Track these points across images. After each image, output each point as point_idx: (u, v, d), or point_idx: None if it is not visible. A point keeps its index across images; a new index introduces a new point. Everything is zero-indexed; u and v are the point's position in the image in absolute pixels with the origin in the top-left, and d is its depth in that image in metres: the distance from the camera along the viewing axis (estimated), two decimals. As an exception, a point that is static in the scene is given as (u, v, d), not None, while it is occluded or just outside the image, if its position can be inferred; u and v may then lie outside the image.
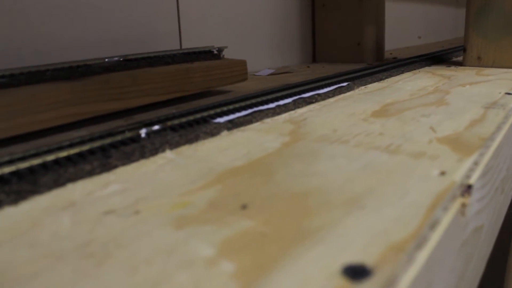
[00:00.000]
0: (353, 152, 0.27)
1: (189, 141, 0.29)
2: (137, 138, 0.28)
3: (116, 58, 0.40)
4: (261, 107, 0.37)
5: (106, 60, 0.40)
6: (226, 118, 0.34)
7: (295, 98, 0.41)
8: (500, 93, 0.45)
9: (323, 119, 0.35)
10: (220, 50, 0.50)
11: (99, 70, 0.39)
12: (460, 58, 0.75)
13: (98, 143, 0.26)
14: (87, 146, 0.26)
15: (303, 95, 0.42)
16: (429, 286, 0.17)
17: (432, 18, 1.57)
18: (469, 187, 0.23)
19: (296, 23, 0.84)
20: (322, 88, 0.46)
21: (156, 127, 0.30)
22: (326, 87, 0.47)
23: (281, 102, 0.39)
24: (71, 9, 0.47)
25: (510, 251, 0.67)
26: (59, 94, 0.33)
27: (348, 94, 0.46)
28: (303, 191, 0.21)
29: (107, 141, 0.27)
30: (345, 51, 0.85)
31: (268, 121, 0.35)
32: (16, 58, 0.43)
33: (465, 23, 0.68)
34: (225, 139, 0.30)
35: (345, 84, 0.49)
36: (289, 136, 0.30)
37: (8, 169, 0.23)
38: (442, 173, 0.23)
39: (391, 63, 0.67)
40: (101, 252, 0.16)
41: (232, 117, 0.35)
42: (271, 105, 0.38)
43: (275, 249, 0.15)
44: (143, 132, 0.29)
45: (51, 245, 0.17)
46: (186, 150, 0.28)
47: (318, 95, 0.43)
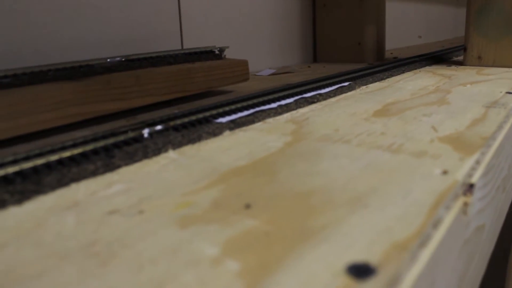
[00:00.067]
0: (356, 151, 0.27)
1: (192, 141, 0.29)
2: (140, 138, 0.28)
3: (118, 58, 0.40)
4: (263, 107, 0.38)
5: (108, 60, 0.40)
6: (228, 118, 0.34)
7: (296, 98, 0.41)
8: (501, 92, 0.45)
9: (325, 118, 0.35)
10: (221, 50, 0.50)
11: (101, 70, 0.39)
12: (460, 58, 0.75)
13: (101, 143, 0.27)
14: (90, 146, 0.26)
15: (305, 95, 0.42)
16: (432, 285, 0.17)
17: (433, 18, 1.58)
18: (471, 186, 0.23)
19: (297, 23, 0.84)
20: (323, 88, 0.46)
21: (159, 127, 0.30)
22: (327, 87, 0.47)
23: (283, 102, 0.40)
24: (72, 9, 0.47)
25: (510, 251, 0.67)
26: (62, 94, 0.33)
27: (349, 93, 0.46)
28: (306, 191, 0.21)
29: (110, 141, 0.27)
30: (346, 51, 0.85)
31: (270, 121, 0.35)
32: (19, 59, 0.43)
33: (465, 23, 0.68)
34: (227, 139, 0.30)
35: (346, 83, 0.49)
36: (292, 136, 0.30)
37: (12, 169, 0.23)
38: (444, 172, 0.23)
39: (392, 63, 0.67)
40: (106, 252, 0.16)
41: (234, 117, 0.35)
42: (273, 105, 0.38)
43: (280, 248, 0.15)
44: (145, 132, 0.29)
45: (56, 245, 0.17)
46: (188, 150, 0.28)
47: (320, 95, 0.43)
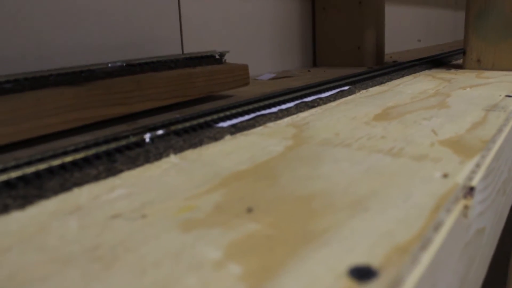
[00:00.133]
0: (356, 155, 0.27)
1: (193, 145, 0.29)
2: (141, 143, 0.29)
3: (119, 63, 0.41)
4: (263, 112, 0.38)
5: (109, 65, 0.40)
6: (229, 122, 0.34)
7: (297, 102, 0.41)
8: (500, 95, 0.45)
9: (325, 123, 0.35)
10: (222, 54, 0.51)
11: (102, 75, 0.39)
12: (460, 61, 0.75)
13: (103, 148, 0.27)
14: (92, 151, 0.26)
15: (305, 99, 0.43)
16: (433, 287, 0.17)
17: (432, 21, 1.58)
18: (472, 189, 0.23)
19: (296, 27, 0.84)
20: (323, 92, 0.47)
21: (160, 132, 0.30)
22: (327, 91, 0.47)
23: (283, 106, 0.40)
24: (74, 15, 0.48)
25: (511, 254, 0.67)
26: (63, 99, 0.33)
27: (349, 97, 0.46)
28: (307, 194, 0.21)
29: (112, 146, 0.27)
30: (346, 55, 0.85)
31: (271, 125, 0.35)
32: (20, 64, 0.43)
33: (464, 26, 0.69)
34: (228, 143, 0.30)
35: (346, 88, 0.49)
36: (292, 140, 0.30)
37: (14, 174, 0.23)
38: (445, 176, 0.23)
39: (392, 67, 0.67)
40: (109, 256, 0.16)
41: (235, 121, 0.35)
42: (274, 109, 0.39)
43: (282, 251, 0.16)
44: (147, 136, 0.29)
45: (59, 249, 0.17)
46: (190, 154, 0.28)
47: (320, 99, 0.43)
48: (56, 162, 0.24)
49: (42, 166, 0.24)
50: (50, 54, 0.46)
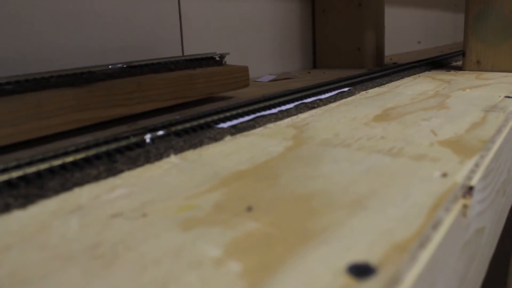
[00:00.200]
0: (356, 155, 0.27)
1: (193, 146, 0.30)
2: (142, 143, 0.29)
3: (119, 65, 0.41)
4: (263, 113, 0.38)
5: (109, 67, 0.40)
6: (229, 123, 0.35)
7: (297, 103, 0.42)
8: (500, 96, 0.45)
9: (325, 123, 0.35)
10: (222, 56, 0.51)
11: (103, 77, 0.39)
12: (459, 63, 0.75)
13: (103, 148, 0.27)
14: (93, 151, 0.26)
15: (305, 100, 0.43)
16: (432, 285, 0.17)
17: (432, 23, 1.58)
18: (471, 188, 0.23)
19: (296, 29, 0.84)
20: (323, 93, 0.47)
21: (161, 133, 0.30)
22: (327, 92, 0.47)
23: (283, 108, 0.40)
24: (75, 17, 0.48)
25: (512, 255, 0.67)
26: (64, 100, 0.33)
27: (349, 99, 0.46)
28: (307, 194, 0.21)
29: (112, 146, 0.27)
30: (346, 57, 0.85)
31: (271, 126, 0.35)
32: (21, 65, 0.43)
33: (464, 28, 0.69)
34: (228, 144, 0.30)
35: (346, 89, 0.49)
36: (292, 141, 0.31)
37: (16, 173, 0.23)
38: (444, 175, 0.23)
39: (392, 68, 0.67)
40: (110, 254, 0.16)
41: (235, 122, 0.35)
42: (274, 111, 0.39)
43: (281, 249, 0.16)
44: (147, 137, 0.29)
45: (60, 247, 0.17)
46: (190, 154, 0.28)
47: (320, 100, 0.43)
48: (57, 162, 0.25)
49: (43, 166, 0.24)
50: (50, 56, 0.46)
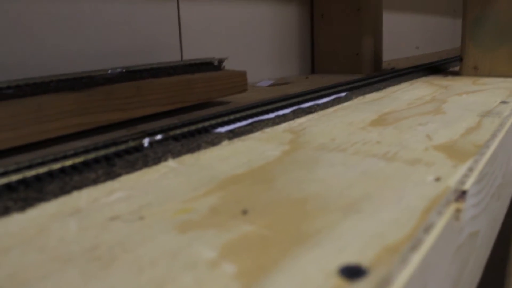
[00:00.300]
0: (351, 159, 0.27)
1: (191, 150, 0.30)
2: (140, 148, 0.29)
3: (119, 70, 0.41)
4: (261, 117, 0.38)
5: (109, 71, 0.40)
6: (227, 128, 0.35)
7: (294, 108, 0.42)
8: (495, 101, 0.45)
9: (322, 128, 0.36)
10: (220, 61, 0.51)
11: (102, 81, 0.39)
12: (457, 68, 0.76)
13: (102, 152, 0.27)
14: (91, 155, 0.27)
15: (302, 105, 0.43)
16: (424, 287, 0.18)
17: (430, 29, 1.59)
18: (464, 192, 0.23)
19: (295, 34, 0.85)
20: (321, 98, 0.47)
21: (159, 137, 0.31)
22: (325, 97, 0.48)
23: (280, 112, 0.40)
24: (75, 22, 0.48)
25: (509, 259, 0.68)
26: (64, 104, 0.33)
27: (346, 104, 0.47)
28: (302, 197, 0.21)
29: (111, 150, 0.28)
30: (344, 62, 0.86)
31: (268, 130, 0.35)
32: (22, 70, 0.43)
33: (461, 33, 0.69)
34: (226, 148, 0.31)
35: (343, 94, 0.50)
36: (289, 145, 0.31)
37: (15, 177, 0.23)
38: (437, 179, 0.23)
39: (389, 73, 0.68)
40: (107, 255, 0.16)
41: (232, 127, 0.35)
42: (271, 115, 0.39)
43: (275, 251, 0.16)
44: (146, 141, 0.30)
45: (59, 249, 0.17)
46: (188, 159, 0.29)
47: (317, 105, 0.44)
48: (56, 166, 0.25)
49: (42, 170, 0.24)
50: (50, 60, 0.46)
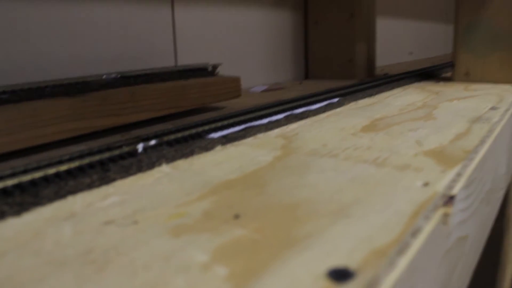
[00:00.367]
0: (342, 165, 0.28)
1: (185, 155, 0.30)
2: (134, 153, 0.29)
3: (113, 75, 0.42)
4: (254, 123, 0.39)
5: (104, 77, 0.41)
6: (220, 133, 0.35)
7: (287, 114, 0.42)
8: (486, 107, 0.46)
9: (314, 134, 0.36)
10: (214, 67, 0.52)
11: (97, 87, 0.40)
12: (449, 74, 0.77)
13: (97, 157, 0.28)
14: (86, 160, 0.27)
15: (295, 111, 0.44)
16: (411, 290, 0.18)
17: (424, 35, 1.60)
18: (452, 197, 0.24)
19: (289, 40, 0.85)
20: (313, 104, 0.48)
21: (153, 142, 0.31)
22: (317, 103, 0.48)
23: (273, 118, 0.41)
24: (70, 27, 0.49)
25: (500, 264, 0.68)
26: (59, 109, 0.34)
27: (339, 109, 0.47)
28: (293, 202, 0.22)
29: (105, 155, 0.28)
30: (337, 68, 0.86)
31: (261, 136, 0.36)
32: (17, 75, 0.44)
33: (453, 40, 0.70)
34: (219, 153, 0.31)
35: (336, 100, 0.50)
36: (281, 151, 0.31)
37: (11, 181, 0.24)
38: (426, 184, 0.24)
39: (382, 79, 0.68)
40: (102, 259, 0.17)
41: (226, 132, 0.36)
42: (264, 121, 0.39)
43: (266, 255, 0.16)
44: (140, 147, 0.30)
45: (54, 253, 0.17)
46: (181, 164, 0.29)
47: (310, 111, 0.44)
48: (51, 171, 0.25)
49: (37, 175, 0.25)
50: (46, 66, 0.47)
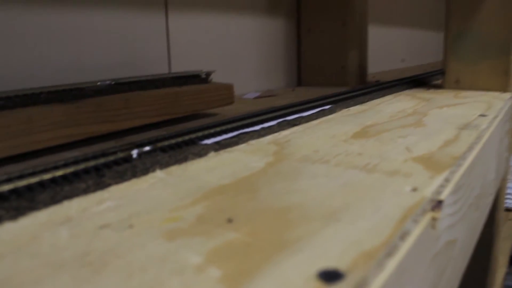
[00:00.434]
0: (333, 171, 0.28)
1: (178, 161, 0.31)
2: (129, 159, 0.30)
3: (107, 82, 0.42)
4: (246, 129, 0.39)
5: (98, 83, 0.41)
6: (214, 139, 0.36)
7: (279, 120, 0.43)
8: (475, 115, 0.47)
9: (306, 140, 0.37)
10: (207, 74, 0.52)
11: (91, 93, 0.40)
12: (440, 81, 0.78)
13: (92, 163, 0.28)
14: (81, 166, 0.27)
15: (287, 118, 0.44)
16: (399, 292, 0.18)
17: (415, 42, 1.62)
18: (440, 202, 0.24)
19: (281, 47, 0.86)
20: (305, 111, 0.48)
21: (147, 148, 0.32)
22: (309, 110, 0.49)
23: (266, 125, 0.41)
24: (65, 34, 0.49)
25: (489, 269, 0.69)
26: (54, 116, 0.34)
27: (330, 116, 0.48)
28: (285, 207, 0.22)
29: (100, 161, 0.28)
30: (330, 75, 0.87)
31: (254, 142, 0.36)
32: (12, 82, 0.44)
33: (443, 47, 0.71)
34: (212, 159, 0.32)
35: (328, 107, 0.51)
36: (273, 157, 0.32)
37: (7, 187, 0.24)
38: (414, 189, 0.24)
39: (374, 86, 0.69)
40: (98, 261, 0.17)
41: (219, 138, 0.36)
42: (256, 128, 0.40)
43: (258, 257, 0.17)
44: (134, 152, 0.31)
45: (51, 256, 0.18)
46: (175, 170, 0.29)
47: (302, 117, 0.45)
48: (47, 176, 0.26)
49: (33, 180, 0.25)
50: (41, 73, 0.47)
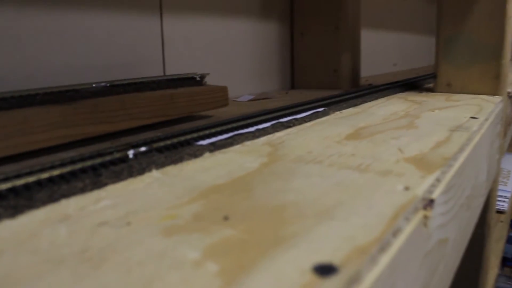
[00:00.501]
0: (327, 171, 0.29)
1: (174, 161, 0.31)
2: (125, 159, 0.30)
3: (103, 84, 0.42)
4: (241, 131, 0.40)
5: (93, 85, 0.41)
6: (209, 140, 0.36)
7: (273, 122, 0.43)
8: (465, 117, 0.48)
9: (300, 142, 0.37)
10: (202, 76, 0.53)
11: (87, 95, 0.40)
12: (432, 85, 0.78)
13: (89, 163, 0.28)
14: (78, 165, 0.28)
15: (281, 120, 0.45)
16: (392, 287, 0.19)
17: (408, 46, 1.63)
18: (431, 201, 0.25)
19: (275, 50, 0.87)
20: (299, 113, 0.49)
21: (143, 149, 0.32)
22: (303, 112, 0.49)
23: (260, 126, 0.42)
24: (60, 36, 0.49)
25: (481, 269, 0.70)
26: (50, 117, 0.34)
27: (324, 118, 0.48)
28: (279, 205, 0.23)
29: (97, 161, 0.29)
30: (323, 78, 0.88)
31: (248, 143, 0.37)
32: (8, 83, 0.44)
33: (435, 51, 0.72)
34: (208, 160, 0.32)
35: (321, 109, 0.52)
36: (268, 157, 0.32)
37: (4, 186, 0.24)
38: (406, 188, 0.25)
39: (366, 89, 0.70)
40: (97, 257, 0.17)
41: (214, 140, 0.37)
42: (251, 129, 0.40)
43: (254, 252, 0.17)
44: (131, 153, 0.31)
45: (51, 252, 0.18)
46: (171, 170, 0.30)
47: (296, 119, 0.45)
48: (44, 175, 0.26)
49: (31, 179, 0.25)
50: (37, 74, 0.47)
